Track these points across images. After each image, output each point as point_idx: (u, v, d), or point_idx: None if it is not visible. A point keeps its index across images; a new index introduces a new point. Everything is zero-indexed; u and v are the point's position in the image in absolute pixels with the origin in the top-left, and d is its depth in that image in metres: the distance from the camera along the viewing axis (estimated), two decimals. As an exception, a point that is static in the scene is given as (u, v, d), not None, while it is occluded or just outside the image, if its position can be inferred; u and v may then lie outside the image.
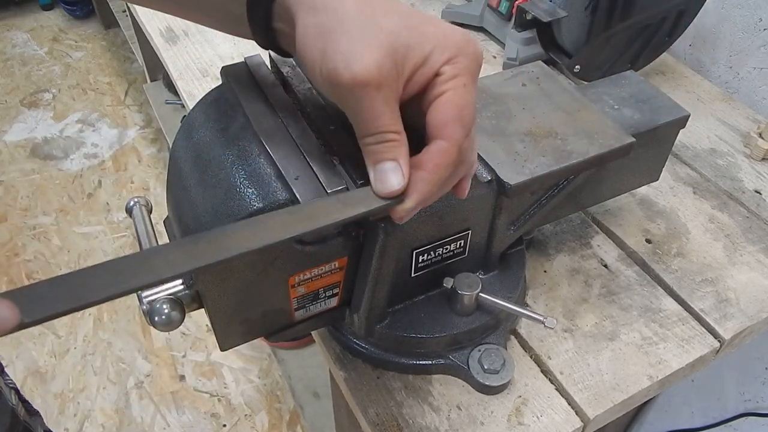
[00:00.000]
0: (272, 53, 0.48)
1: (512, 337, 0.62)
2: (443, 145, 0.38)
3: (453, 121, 0.37)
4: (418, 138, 0.39)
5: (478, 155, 0.53)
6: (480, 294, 0.56)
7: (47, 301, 0.31)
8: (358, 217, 0.39)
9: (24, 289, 0.31)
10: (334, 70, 0.35)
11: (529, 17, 0.87)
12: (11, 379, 0.65)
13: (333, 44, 0.35)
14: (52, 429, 0.72)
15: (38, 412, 0.69)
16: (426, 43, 0.37)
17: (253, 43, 0.45)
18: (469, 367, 0.57)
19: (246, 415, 1.58)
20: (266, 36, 0.43)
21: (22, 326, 0.30)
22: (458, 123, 0.37)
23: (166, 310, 0.43)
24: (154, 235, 0.50)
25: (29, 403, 0.68)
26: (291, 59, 0.51)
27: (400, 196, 0.39)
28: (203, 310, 0.46)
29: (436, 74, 0.38)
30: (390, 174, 0.38)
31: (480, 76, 0.60)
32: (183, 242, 0.36)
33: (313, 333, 0.60)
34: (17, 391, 0.65)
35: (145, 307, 0.43)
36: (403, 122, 0.38)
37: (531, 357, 0.60)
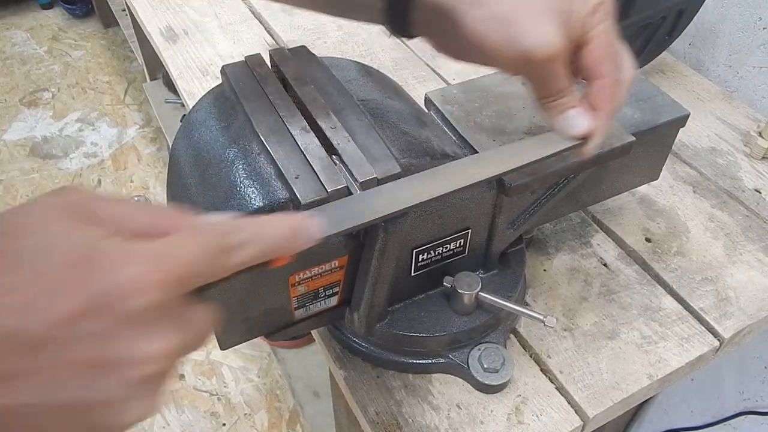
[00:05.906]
0: (272, 52, 0.47)
1: (512, 336, 0.62)
2: (603, 83, 0.44)
3: (604, 61, 0.43)
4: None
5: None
6: (480, 293, 0.56)
7: (340, 218, 0.37)
8: (557, 155, 0.46)
9: (319, 208, 0.38)
10: (527, 50, 0.40)
11: (528, 16, 0.86)
12: None
13: (517, 29, 0.40)
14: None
15: None
16: (574, 3, 0.42)
17: (253, 42, 0.45)
18: (468, 366, 0.57)
19: (246, 414, 1.58)
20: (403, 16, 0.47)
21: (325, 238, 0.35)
22: (609, 61, 0.44)
23: (166, 309, 0.43)
24: (154, 234, 0.50)
25: None
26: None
27: (586, 137, 0.45)
28: (203, 309, 0.46)
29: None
30: (578, 119, 0.44)
31: (480, 75, 0.60)
32: (427, 174, 0.42)
33: (313, 332, 0.60)
34: None
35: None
36: None
37: (531, 356, 0.60)
